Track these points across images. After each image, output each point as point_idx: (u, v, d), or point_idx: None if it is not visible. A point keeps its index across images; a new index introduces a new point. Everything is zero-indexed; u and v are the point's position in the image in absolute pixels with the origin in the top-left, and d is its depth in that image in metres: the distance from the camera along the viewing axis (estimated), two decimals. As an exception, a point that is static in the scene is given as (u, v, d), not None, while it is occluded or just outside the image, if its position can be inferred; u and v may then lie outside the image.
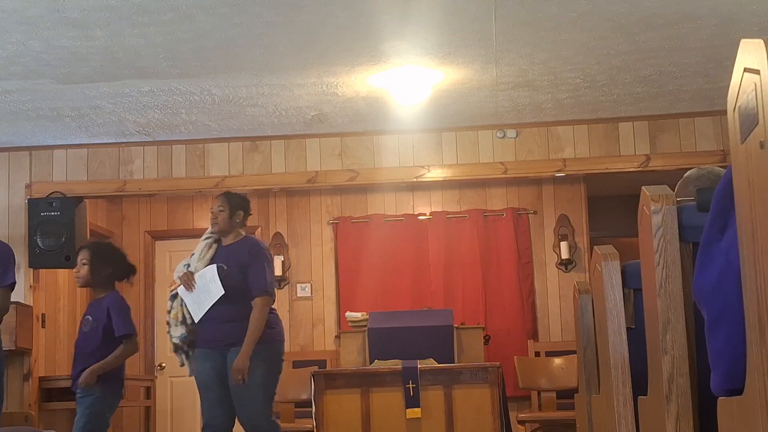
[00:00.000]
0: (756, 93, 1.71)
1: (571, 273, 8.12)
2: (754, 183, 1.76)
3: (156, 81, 6.44)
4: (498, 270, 8.14)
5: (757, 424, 1.77)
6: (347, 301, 8.09)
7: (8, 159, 7.84)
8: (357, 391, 6.28)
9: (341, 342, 7.04)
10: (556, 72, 6.64)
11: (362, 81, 6.68)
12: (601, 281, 3.27)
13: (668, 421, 2.49)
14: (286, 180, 8.04)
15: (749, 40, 1.77)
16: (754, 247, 1.77)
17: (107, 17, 5.25)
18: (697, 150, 7.81)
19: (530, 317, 8.10)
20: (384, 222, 8.28)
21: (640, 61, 6.45)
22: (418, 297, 8.08)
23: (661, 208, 2.58)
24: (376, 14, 5.44)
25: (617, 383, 3.19)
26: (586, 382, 4.16)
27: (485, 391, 6.22)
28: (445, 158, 8.06)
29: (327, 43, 5.91)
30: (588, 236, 8.24)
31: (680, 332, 2.53)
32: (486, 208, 8.27)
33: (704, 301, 2.15)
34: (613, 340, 3.22)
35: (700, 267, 2.17)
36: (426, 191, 8.34)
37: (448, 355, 6.50)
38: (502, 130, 8.00)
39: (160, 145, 8.01)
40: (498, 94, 7.13)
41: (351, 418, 6.23)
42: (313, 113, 7.34)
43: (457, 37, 5.91)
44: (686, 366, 2.51)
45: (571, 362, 6.89)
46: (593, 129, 7.96)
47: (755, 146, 1.73)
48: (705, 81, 6.93)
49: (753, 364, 1.80)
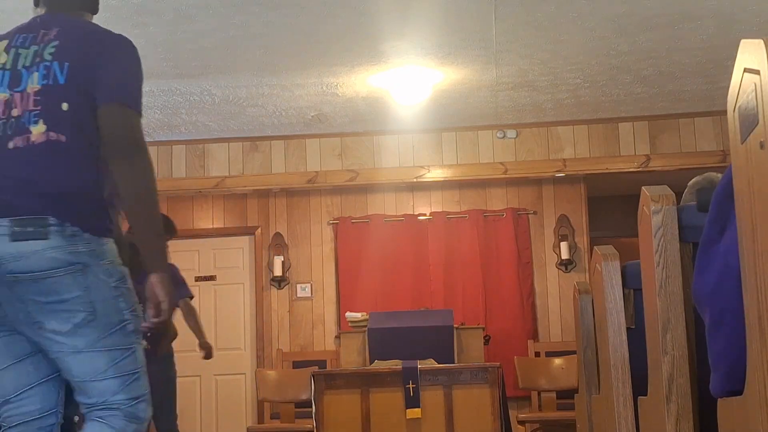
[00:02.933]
0: (756, 93, 1.71)
1: (571, 273, 8.11)
2: (754, 183, 1.76)
3: (156, 81, 6.44)
4: (498, 270, 8.14)
5: (757, 424, 1.77)
6: (347, 301, 8.08)
7: (8, 159, 7.83)
8: (357, 391, 6.27)
9: (341, 342, 7.04)
10: (556, 72, 6.64)
11: (362, 81, 6.68)
12: (601, 281, 3.27)
13: (668, 421, 2.49)
14: (286, 180, 8.05)
15: (749, 41, 1.77)
16: (754, 247, 1.77)
17: (107, 17, 5.24)
18: (697, 150, 7.81)
19: (530, 317, 8.10)
20: (384, 222, 8.28)
21: (640, 62, 6.45)
22: (418, 297, 8.08)
23: (661, 208, 2.58)
24: (376, 14, 5.44)
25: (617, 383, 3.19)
26: (586, 382, 4.16)
27: (485, 391, 6.22)
28: (445, 158, 8.06)
29: (327, 43, 5.91)
30: (588, 236, 8.24)
31: (680, 332, 2.53)
32: (486, 209, 8.27)
33: (704, 303, 2.15)
34: (613, 340, 3.22)
35: (699, 269, 2.17)
36: (426, 191, 8.34)
37: (448, 356, 6.49)
38: (502, 130, 8.00)
39: (160, 146, 8.01)
40: (498, 94, 7.13)
41: (351, 419, 6.23)
42: (313, 113, 7.34)
43: (457, 37, 5.90)
44: (686, 366, 2.51)
45: (571, 362, 6.88)
46: (593, 129, 7.96)
47: (755, 146, 1.73)
48: (705, 81, 6.93)
49: (753, 364, 1.80)
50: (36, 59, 2.51)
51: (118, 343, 2.41)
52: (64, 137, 2.42)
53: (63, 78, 2.47)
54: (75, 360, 2.39)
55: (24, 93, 2.47)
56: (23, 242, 2.33)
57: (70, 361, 2.39)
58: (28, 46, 2.54)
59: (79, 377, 2.41)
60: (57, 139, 2.42)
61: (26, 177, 2.39)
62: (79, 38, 2.56)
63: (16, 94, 2.48)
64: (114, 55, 2.56)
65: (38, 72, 2.49)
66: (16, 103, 2.47)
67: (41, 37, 2.55)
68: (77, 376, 2.41)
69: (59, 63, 2.48)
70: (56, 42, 2.53)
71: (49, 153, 2.41)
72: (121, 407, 2.41)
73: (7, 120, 2.45)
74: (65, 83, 2.46)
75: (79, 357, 2.38)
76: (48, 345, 2.40)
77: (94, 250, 2.39)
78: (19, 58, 2.52)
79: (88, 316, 2.36)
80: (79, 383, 2.41)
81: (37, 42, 2.54)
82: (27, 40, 2.56)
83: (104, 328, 2.39)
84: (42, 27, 2.59)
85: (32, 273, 2.33)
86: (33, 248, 2.33)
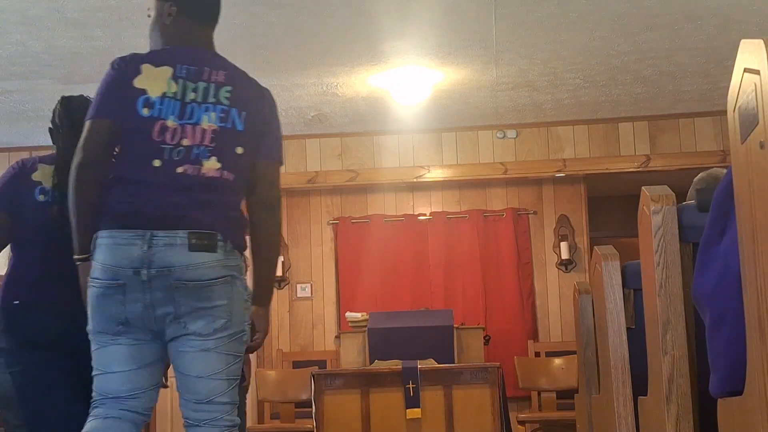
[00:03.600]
0: (756, 93, 1.71)
1: (571, 273, 8.11)
2: (754, 183, 1.76)
3: (156, 81, 6.44)
4: (498, 270, 8.14)
5: (757, 424, 1.77)
6: (347, 301, 8.08)
7: (8, 159, 7.83)
8: (357, 391, 6.27)
9: (341, 342, 7.03)
10: (556, 72, 6.64)
11: (362, 81, 6.68)
12: (601, 281, 3.27)
13: (668, 421, 2.49)
14: (286, 180, 8.02)
15: (749, 41, 1.77)
16: (754, 248, 1.76)
17: (107, 17, 5.25)
18: (697, 150, 7.81)
19: (530, 317, 8.10)
20: (384, 222, 8.27)
21: (640, 62, 6.45)
22: (418, 297, 8.07)
23: (661, 208, 2.58)
24: (376, 14, 5.44)
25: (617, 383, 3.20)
26: (586, 383, 4.16)
27: (485, 391, 6.21)
28: (445, 158, 8.06)
29: (327, 43, 5.90)
30: (588, 236, 8.24)
31: (680, 332, 2.53)
32: (486, 209, 8.27)
33: (704, 304, 2.15)
34: (613, 340, 3.22)
35: (700, 270, 2.17)
36: (426, 191, 8.34)
37: (448, 356, 6.49)
38: (502, 130, 8.00)
39: (160, 145, 8.00)
40: (498, 94, 7.13)
41: (351, 418, 6.23)
42: (313, 113, 7.34)
43: (457, 37, 5.90)
44: (686, 366, 2.51)
45: (571, 362, 6.88)
46: (593, 129, 7.96)
47: (755, 146, 1.73)
48: (705, 81, 6.93)
49: (753, 364, 1.80)
50: (210, 98, 2.78)
51: (234, 350, 2.70)
52: (233, 176, 2.77)
53: (241, 125, 2.79)
54: (200, 357, 2.65)
55: (197, 127, 2.75)
56: (197, 253, 2.64)
57: (195, 358, 2.66)
58: (195, 81, 2.79)
59: (197, 373, 2.66)
60: (227, 177, 2.76)
61: (202, 199, 2.70)
62: (251, 89, 2.87)
63: (188, 126, 2.74)
64: (275, 115, 2.94)
65: (215, 112, 2.78)
66: (188, 135, 2.74)
67: (208, 76, 2.81)
68: (195, 372, 2.67)
69: (237, 111, 2.80)
70: (230, 87, 2.81)
71: (221, 186, 2.74)
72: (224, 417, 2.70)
73: (175, 147, 2.72)
74: (242, 131, 2.79)
75: (204, 355, 2.65)
76: (181, 341, 2.66)
77: (239, 266, 2.75)
78: (187, 92, 2.77)
79: (226, 323, 2.66)
80: (195, 379, 2.67)
81: (204, 80, 2.80)
82: (191, 74, 2.79)
83: (231, 335, 2.69)
84: (206, 65, 2.82)
85: (198, 281, 2.63)
86: (203, 259, 2.65)
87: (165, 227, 2.64)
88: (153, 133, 2.70)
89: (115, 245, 2.63)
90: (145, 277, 2.61)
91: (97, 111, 2.75)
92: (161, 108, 2.72)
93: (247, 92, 2.83)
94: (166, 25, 2.90)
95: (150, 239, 2.62)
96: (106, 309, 2.65)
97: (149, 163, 2.69)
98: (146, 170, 2.68)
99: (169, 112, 2.72)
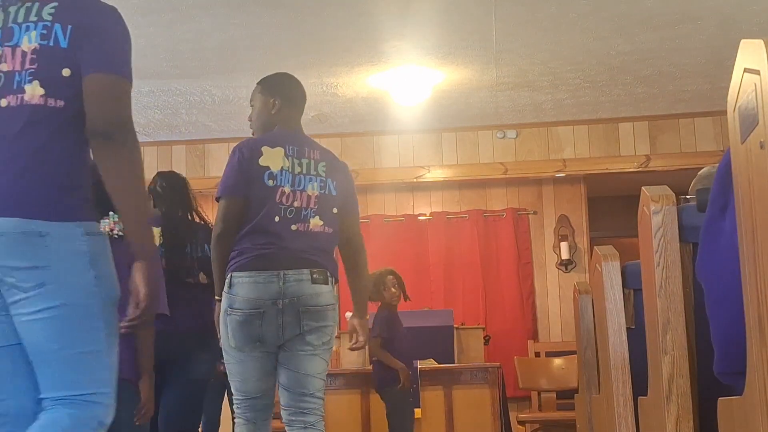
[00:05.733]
0: (756, 93, 1.71)
1: (571, 273, 8.11)
2: (754, 183, 1.76)
3: (156, 81, 6.44)
4: (498, 270, 8.14)
5: (757, 424, 1.77)
6: (347, 301, 8.07)
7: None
8: (357, 391, 6.28)
9: (341, 342, 7.03)
10: (556, 72, 6.64)
11: (362, 81, 6.68)
12: (601, 281, 3.27)
13: (668, 421, 2.49)
14: (286, 180, 8.03)
15: (749, 41, 1.77)
16: (754, 247, 1.76)
17: (107, 17, 5.25)
18: (697, 150, 7.80)
19: (530, 317, 8.09)
20: (384, 222, 8.27)
21: (640, 62, 6.45)
22: (418, 297, 8.07)
23: (661, 209, 2.58)
24: (376, 14, 5.44)
25: (617, 383, 3.20)
26: (586, 383, 4.16)
27: (485, 391, 6.22)
28: (445, 158, 8.06)
29: (327, 43, 5.91)
30: (588, 237, 8.24)
31: (680, 332, 2.53)
32: (486, 209, 8.27)
33: (707, 279, 2.15)
34: (613, 340, 3.22)
35: (703, 245, 2.17)
36: (426, 191, 8.34)
37: (448, 356, 6.49)
38: (502, 131, 8.00)
39: (160, 145, 8.01)
40: (498, 94, 7.13)
41: (351, 418, 6.23)
42: (313, 113, 7.34)
43: (457, 37, 5.90)
44: (686, 366, 2.51)
45: (571, 362, 6.88)
46: (593, 129, 7.96)
47: (755, 146, 1.73)
48: (705, 81, 6.93)
49: (753, 364, 1.80)
50: (312, 171, 3.55)
51: (328, 357, 3.59)
52: (331, 230, 3.60)
53: (335, 191, 3.61)
54: (310, 360, 3.50)
55: (304, 193, 3.54)
56: (318, 285, 3.48)
57: (307, 360, 3.50)
58: (300, 158, 3.55)
59: (307, 372, 3.50)
60: (328, 231, 3.59)
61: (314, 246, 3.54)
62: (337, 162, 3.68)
63: (297, 192, 3.52)
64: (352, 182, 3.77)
65: (316, 182, 3.57)
66: (298, 199, 3.52)
67: (309, 154, 3.57)
68: (305, 370, 3.50)
69: (332, 180, 3.60)
70: (324, 162, 3.59)
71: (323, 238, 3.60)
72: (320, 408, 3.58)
73: (288, 207, 3.51)
74: (336, 195, 3.60)
75: (313, 358, 3.51)
76: (299, 348, 3.48)
77: (336, 296, 3.61)
78: (295, 166, 3.53)
79: (332, 339, 3.56)
80: (304, 376, 3.49)
81: (306, 157, 3.57)
82: (296, 152, 3.55)
83: (330, 346, 3.58)
84: (306, 145, 3.57)
85: (320, 306, 3.48)
86: (322, 290, 3.50)
87: (293, 267, 3.44)
88: (276, 197, 3.48)
89: (256, 283, 3.42)
90: (280, 306, 3.43)
91: (230, 190, 3.52)
92: (281, 178, 3.50)
93: (335, 165, 3.65)
94: (272, 114, 3.68)
95: (283, 277, 3.43)
96: (247, 331, 3.44)
97: (273, 220, 3.47)
98: (272, 225, 3.46)
99: (285, 181, 3.50)
